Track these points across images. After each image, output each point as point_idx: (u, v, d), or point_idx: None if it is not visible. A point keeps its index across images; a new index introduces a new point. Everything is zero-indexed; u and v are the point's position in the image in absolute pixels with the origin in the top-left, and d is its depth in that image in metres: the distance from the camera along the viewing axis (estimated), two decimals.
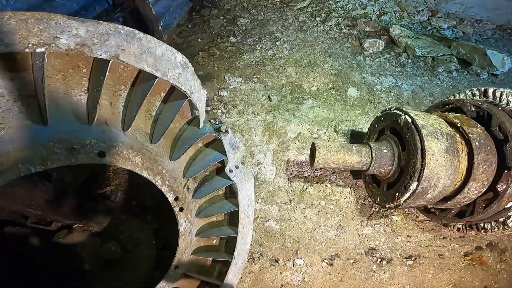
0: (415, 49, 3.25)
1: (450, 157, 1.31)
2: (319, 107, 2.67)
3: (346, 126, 2.51)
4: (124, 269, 1.98)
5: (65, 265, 1.92)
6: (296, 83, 2.93)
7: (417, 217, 2.05)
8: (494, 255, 1.93)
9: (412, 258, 1.91)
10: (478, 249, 1.95)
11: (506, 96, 1.51)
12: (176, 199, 1.37)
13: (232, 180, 1.53)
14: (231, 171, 1.53)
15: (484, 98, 1.64)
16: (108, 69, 1.03)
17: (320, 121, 2.54)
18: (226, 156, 1.49)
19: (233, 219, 1.70)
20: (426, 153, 1.28)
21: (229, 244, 1.67)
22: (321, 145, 1.55)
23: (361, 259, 1.89)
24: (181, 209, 1.41)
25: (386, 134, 1.64)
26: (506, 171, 1.31)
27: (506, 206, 1.38)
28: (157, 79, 1.14)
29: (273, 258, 1.87)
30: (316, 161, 1.50)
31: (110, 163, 1.13)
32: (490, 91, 1.63)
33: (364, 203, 2.10)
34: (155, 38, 1.13)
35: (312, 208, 2.05)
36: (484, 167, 1.33)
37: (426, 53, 3.27)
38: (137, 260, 1.99)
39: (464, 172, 1.37)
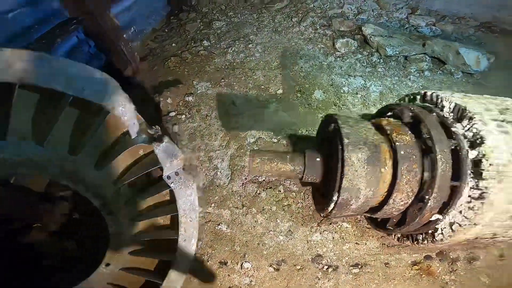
0: (386, 48, 3.20)
1: (371, 168, 1.29)
2: (282, 111, 2.67)
3: (306, 130, 2.50)
4: (81, 265, 2.05)
5: (25, 262, 2.00)
6: (263, 87, 2.93)
7: (367, 224, 2.04)
8: (444, 265, 1.89)
9: (358, 267, 1.88)
10: (428, 258, 1.92)
11: (441, 100, 1.47)
12: (104, 204, 1.42)
13: (170, 186, 1.57)
14: (169, 177, 1.56)
15: (423, 102, 1.61)
16: (15, 91, 1.08)
17: (281, 125, 2.53)
18: (161, 165, 1.52)
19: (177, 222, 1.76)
20: (345, 164, 1.28)
21: (173, 246, 1.72)
22: (255, 153, 1.55)
23: (307, 266, 1.88)
24: (109, 213, 1.45)
25: (324, 141, 1.64)
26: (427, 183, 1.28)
27: (431, 219, 1.36)
28: (71, 97, 1.18)
29: (222, 261, 1.89)
30: (249, 170, 1.51)
31: (24, 176, 1.18)
32: (429, 94, 1.59)
33: (315, 209, 2.11)
34: (68, 59, 1.16)
35: (263, 213, 2.05)
36: (408, 177, 1.30)
37: (398, 52, 3.22)
38: (93, 257, 2.05)
39: (389, 183, 1.36)
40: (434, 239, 1.36)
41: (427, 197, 1.25)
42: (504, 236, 1.32)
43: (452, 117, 1.35)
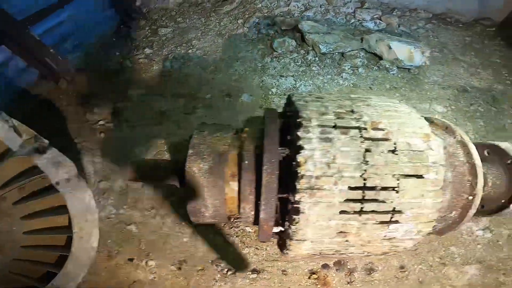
0: (320, 45, 3.16)
1: (213, 178, 1.32)
2: (206, 116, 2.70)
3: None
4: None
5: None
6: (193, 92, 2.95)
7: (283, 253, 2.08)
8: (340, 276, 1.88)
9: (256, 272, 1.90)
10: (325, 267, 1.91)
11: (292, 102, 1.45)
12: None
13: (58, 191, 1.68)
14: (58, 183, 1.66)
15: (289, 106, 1.60)
16: None
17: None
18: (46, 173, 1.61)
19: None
20: (186, 174, 1.31)
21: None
22: (132, 163, 1.60)
23: (207, 267, 1.92)
24: None
25: None
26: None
27: (274, 231, 1.32)
28: None
29: (129, 257, 1.98)
30: (128, 178, 1.56)
31: None
32: (292, 97, 1.57)
33: None
34: None
35: (170, 216, 2.14)
36: (250, 188, 1.31)
37: (332, 49, 3.18)
38: None
39: (237, 192, 1.38)
40: (283, 251, 1.36)
41: (260, 208, 1.26)
42: (347, 253, 1.31)
43: (293, 122, 1.35)
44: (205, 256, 1.97)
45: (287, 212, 1.21)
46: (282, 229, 1.27)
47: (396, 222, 1.12)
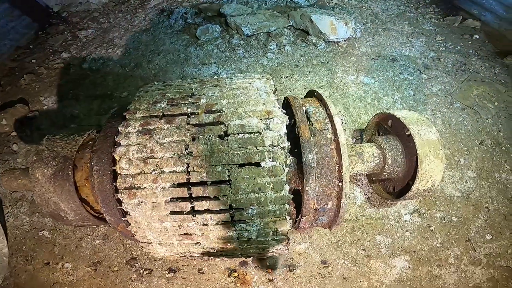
0: (243, 28, 2.98)
1: (59, 182, 1.18)
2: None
3: None
4: None
5: None
6: (109, 92, 2.72)
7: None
8: (260, 273, 1.77)
9: (173, 271, 1.80)
10: (243, 265, 1.79)
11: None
12: None
13: None
14: None
15: None
16: None
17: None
18: None
19: None
20: (31, 182, 1.16)
21: None
22: (5, 172, 1.43)
23: (122, 268, 1.86)
24: None
25: None
26: None
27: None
28: None
29: (45, 261, 1.97)
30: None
31: None
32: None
33: None
34: None
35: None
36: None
37: (255, 30, 3.01)
38: None
39: None
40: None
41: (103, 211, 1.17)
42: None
43: None
44: (119, 257, 1.90)
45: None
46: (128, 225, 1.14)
47: (241, 221, 0.99)
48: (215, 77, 1.31)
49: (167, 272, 1.80)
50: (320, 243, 1.88)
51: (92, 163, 1.18)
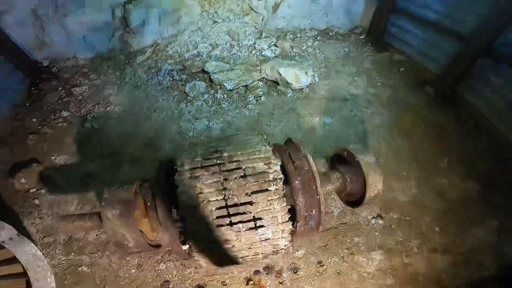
0: (225, 83, 3.77)
1: (124, 219, 1.81)
2: (132, 170, 3.11)
3: None
4: None
5: None
6: (117, 150, 3.31)
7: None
8: (271, 278, 2.41)
9: (201, 287, 2.40)
10: (256, 273, 2.43)
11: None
12: None
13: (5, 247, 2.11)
14: (4, 242, 2.12)
15: None
16: None
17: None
18: None
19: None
20: (103, 220, 1.83)
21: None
22: (62, 218, 2.03)
23: None
24: None
25: None
26: None
27: (184, 248, 1.88)
28: None
29: None
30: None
31: None
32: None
33: None
34: None
35: (115, 254, 2.59)
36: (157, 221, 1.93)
37: (235, 85, 3.80)
38: None
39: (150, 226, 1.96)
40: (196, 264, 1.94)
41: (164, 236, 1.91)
42: (242, 256, 1.83)
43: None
44: (154, 281, 2.44)
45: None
46: (188, 245, 1.82)
47: (262, 226, 1.74)
48: (225, 136, 2.07)
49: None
50: (313, 248, 2.58)
51: (150, 203, 1.88)
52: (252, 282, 2.43)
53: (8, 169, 3.23)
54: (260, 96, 3.85)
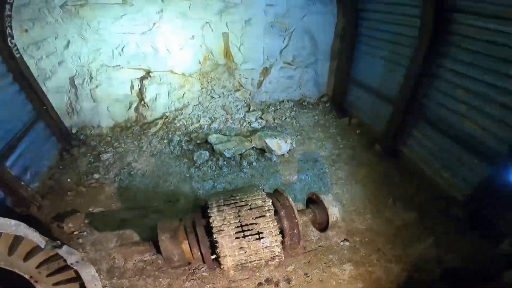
0: (224, 152, 5.08)
1: (173, 240, 2.82)
2: (157, 218, 4.16)
3: None
4: None
5: None
6: (143, 204, 4.38)
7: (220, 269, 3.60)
8: (272, 287, 3.35)
9: None
10: (260, 285, 3.34)
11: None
12: (30, 277, 2.66)
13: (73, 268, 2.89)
14: (72, 264, 2.89)
15: None
16: None
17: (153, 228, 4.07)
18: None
19: None
20: (160, 241, 2.91)
21: None
22: (119, 247, 3.11)
23: None
24: (36, 281, 2.70)
25: None
26: None
27: (212, 257, 3.09)
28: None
29: None
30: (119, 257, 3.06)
31: None
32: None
33: (184, 269, 3.49)
34: None
35: (153, 277, 3.41)
36: (194, 242, 3.03)
37: (233, 153, 5.09)
38: None
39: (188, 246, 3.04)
40: (220, 267, 3.00)
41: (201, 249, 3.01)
42: (252, 260, 2.85)
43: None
44: None
45: (213, 247, 2.92)
46: (215, 256, 2.92)
47: (263, 237, 2.89)
48: (237, 188, 3.35)
49: None
50: (300, 264, 3.50)
51: (190, 229, 3.01)
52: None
53: (51, 217, 4.21)
54: (252, 162, 5.16)
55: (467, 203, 3.97)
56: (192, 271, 3.51)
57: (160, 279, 3.45)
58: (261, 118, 6.36)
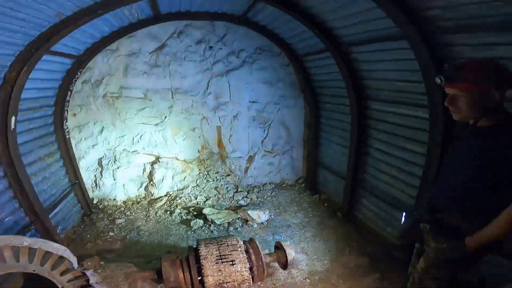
0: (215, 221, 6.52)
1: (173, 268, 3.97)
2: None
3: None
4: None
5: None
6: (149, 253, 5.65)
7: None
8: None
9: None
10: None
11: None
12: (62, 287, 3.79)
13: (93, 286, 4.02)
14: (92, 283, 3.96)
15: None
16: None
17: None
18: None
19: None
20: (162, 267, 4.22)
21: None
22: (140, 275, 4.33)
23: None
24: None
25: None
26: None
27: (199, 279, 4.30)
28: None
29: None
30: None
31: None
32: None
33: None
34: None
35: None
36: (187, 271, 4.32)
37: (222, 221, 6.52)
38: None
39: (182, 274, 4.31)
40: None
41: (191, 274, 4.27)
42: (229, 281, 4.07)
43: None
44: None
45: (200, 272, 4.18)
46: (200, 277, 4.14)
47: (235, 264, 4.12)
48: (219, 236, 4.84)
49: None
50: None
51: (183, 260, 4.35)
52: None
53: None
54: (237, 228, 6.52)
55: (403, 246, 5.24)
56: None
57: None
58: (247, 197, 7.92)
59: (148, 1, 5.55)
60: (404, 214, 3.32)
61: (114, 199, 7.69)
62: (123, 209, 7.35)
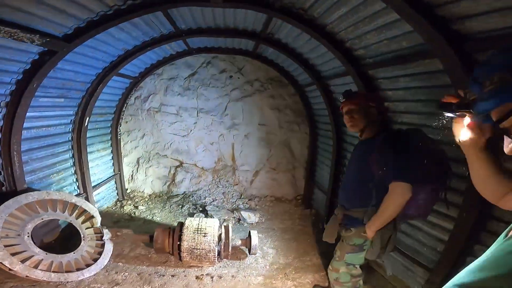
0: (214, 216, 8.35)
1: (163, 232, 5.99)
2: None
3: None
4: None
5: None
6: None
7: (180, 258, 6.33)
8: (208, 279, 5.99)
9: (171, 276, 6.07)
10: (201, 276, 6.03)
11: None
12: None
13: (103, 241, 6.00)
14: (104, 239, 6.02)
15: None
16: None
17: None
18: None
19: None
20: (156, 231, 6.03)
21: None
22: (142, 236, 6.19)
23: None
24: (83, 237, 5.81)
25: None
26: None
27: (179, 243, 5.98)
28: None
29: None
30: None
31: None
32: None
33: (160, 260, 6.33)
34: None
35: (141, 261, 6.23)
36: (172, 239, 6.06)
37: (219, 217, 8.18)
38: None
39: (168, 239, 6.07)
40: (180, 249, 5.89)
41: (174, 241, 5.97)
42: (198, 247, 5.82)
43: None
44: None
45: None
46: (179, 242, 5.83)
47: (207, 236, 5.72)
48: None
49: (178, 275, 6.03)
50: (231, 270, 6.16)
51: (171, 230, 6.12)
52: (199, 278, 5.99)
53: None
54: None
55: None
56: (165, 260, 6.33)
57: (145, 262, 6.27)
58: (247, 203, 9.50)
59: (182, 41, 7.77)
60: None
61: (142, 191, 9.87)
62: (147, 199, 9.48)
